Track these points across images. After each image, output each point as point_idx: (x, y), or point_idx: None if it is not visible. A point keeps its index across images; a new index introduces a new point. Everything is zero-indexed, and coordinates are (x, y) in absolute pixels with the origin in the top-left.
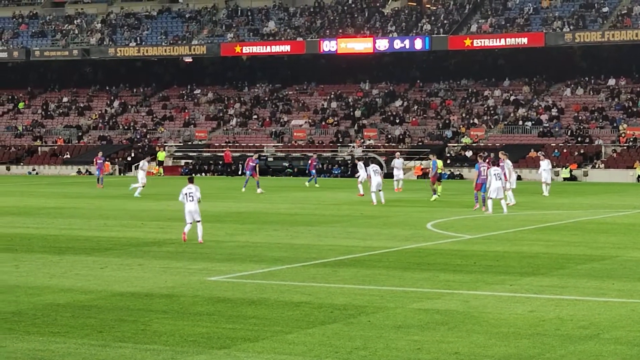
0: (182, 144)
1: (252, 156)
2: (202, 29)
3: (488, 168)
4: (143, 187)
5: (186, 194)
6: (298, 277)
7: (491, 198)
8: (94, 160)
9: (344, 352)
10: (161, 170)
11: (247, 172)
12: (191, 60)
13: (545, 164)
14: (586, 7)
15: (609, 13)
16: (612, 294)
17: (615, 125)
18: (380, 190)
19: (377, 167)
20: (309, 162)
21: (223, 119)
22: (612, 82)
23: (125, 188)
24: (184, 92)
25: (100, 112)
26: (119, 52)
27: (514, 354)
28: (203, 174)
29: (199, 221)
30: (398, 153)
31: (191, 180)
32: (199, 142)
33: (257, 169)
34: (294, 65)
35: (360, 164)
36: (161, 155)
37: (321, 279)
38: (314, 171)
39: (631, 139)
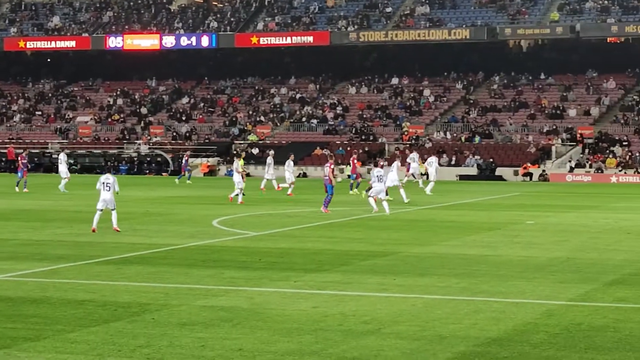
0: None
1: (22, 153)
2: None
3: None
4: None
5: (103, 183)
6: (82, 275)
7: (371, 196)
8: None
9: (127, 350)
10: None
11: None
12: None
13: (415, 156)
14: (370, 7)
15: (392, 13)
16: (394, 290)
17: (398, 123)
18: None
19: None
20: (184, 159)
21: (6, 115)
22: (395, 81)
23: None
24: None
25: None
26: None
27: (296, 349)
28: None
29: (113, 209)
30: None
31: (110, 168)
32: None
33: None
34: (80, 61)
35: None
36: None
37: (105, 277)
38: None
39: (414, 137)
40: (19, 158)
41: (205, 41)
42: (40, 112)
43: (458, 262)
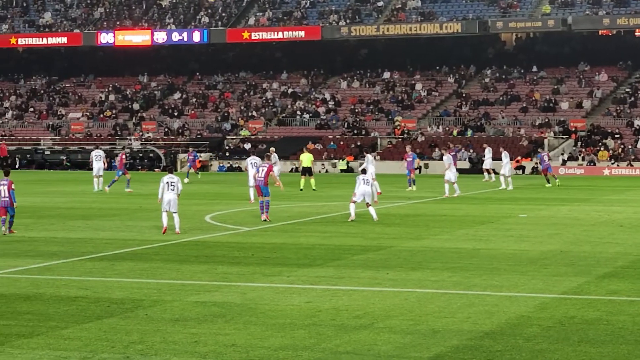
0: None
1: (122, 152)
2: None
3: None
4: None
5: (167, 182)
6: (74, 272)
7: (356, 202)
8: None
9: (120, 346)
10: None
11: (119, 171)
12: None
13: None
14: (361, 1)
15: (384, 7)
16: (387, 284)
17: (390, 117)
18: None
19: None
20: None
21: None
22: (387, 75)
23: None
24: None
25: None
26: None
27: (290, 344)
28: None
29: (175, 212)
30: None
31: (171, 168)
32: None
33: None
34: (71, 58)
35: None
36: None
37: (98, 273)
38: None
39: (406, 131)
40: (120, 158)
41: (196, 36)
42: (32, 109)
43: (451, 255)
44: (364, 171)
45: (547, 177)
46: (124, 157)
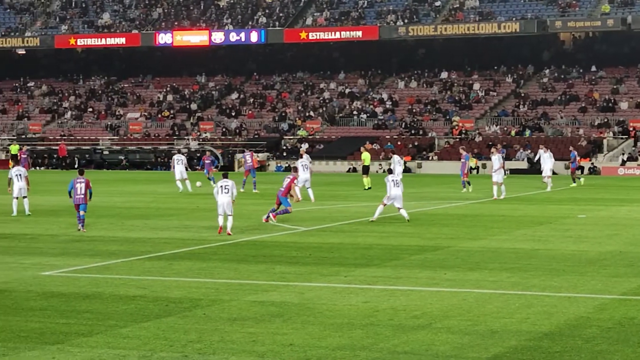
0: (15, 138)
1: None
2: (36, 21)
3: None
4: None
5: (221, 186)
6: (133, 271)
7: (385, 205)
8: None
9: (178, 345)
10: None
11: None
12: (24, 52)
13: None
14: (419, 1)
15: (442, 7)
16: (444, 284)
17: (448, 117)
18: (308, 188)
19: (306, 162)
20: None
21: (57, 112)
22: (444, 75)
23: None
24: (17, 84)
25: None
26: None
27: (347, 344)
28: (37, 167)
29: (230, 215)
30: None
31: (227, 172)
32: (33, 136)
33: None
34: (130, 58)
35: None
36: (14, 149)
37: (156, 273)
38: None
39: (463, 131)
40: (204, 158)
41: (254, 37)
42: (91, 109)
43: (509, 256)
44: (390, 171)
45: (573, 177)
46: (206, 159)
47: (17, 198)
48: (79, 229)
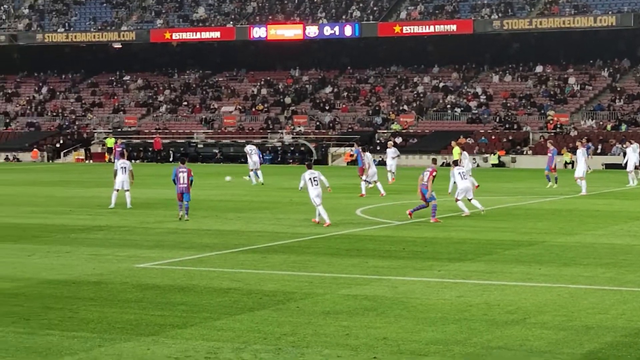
0: (111, 131)
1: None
2: (131, 15)
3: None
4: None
5: (310, 179)
6: (227, 264)
7: (459, 199)
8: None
9: (272, 338)
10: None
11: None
12: (120, 46)
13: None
14: None
15: (537, 0)
16: (539, 279)
17: (542, 111)
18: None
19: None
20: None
21: (153, 105)
22: (539, 69)
23: (52, 174)
24: (113, 78)
25: (28, 98)
26: (47, 38)
27: (441, 339)
28: (133, 160)
29: (318, 205)
30: (390, 142)
31: (310, 166)
32: (129, 129)
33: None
34: (224, 52)
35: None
36: (110, 142)
37: (250, 265)
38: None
39: (558, 125)
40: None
41: (348, 30)
42: (185, 103)
43: (604, 251)
44: (455, 163)
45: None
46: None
47: (117, 190)
48: (180, 217)
